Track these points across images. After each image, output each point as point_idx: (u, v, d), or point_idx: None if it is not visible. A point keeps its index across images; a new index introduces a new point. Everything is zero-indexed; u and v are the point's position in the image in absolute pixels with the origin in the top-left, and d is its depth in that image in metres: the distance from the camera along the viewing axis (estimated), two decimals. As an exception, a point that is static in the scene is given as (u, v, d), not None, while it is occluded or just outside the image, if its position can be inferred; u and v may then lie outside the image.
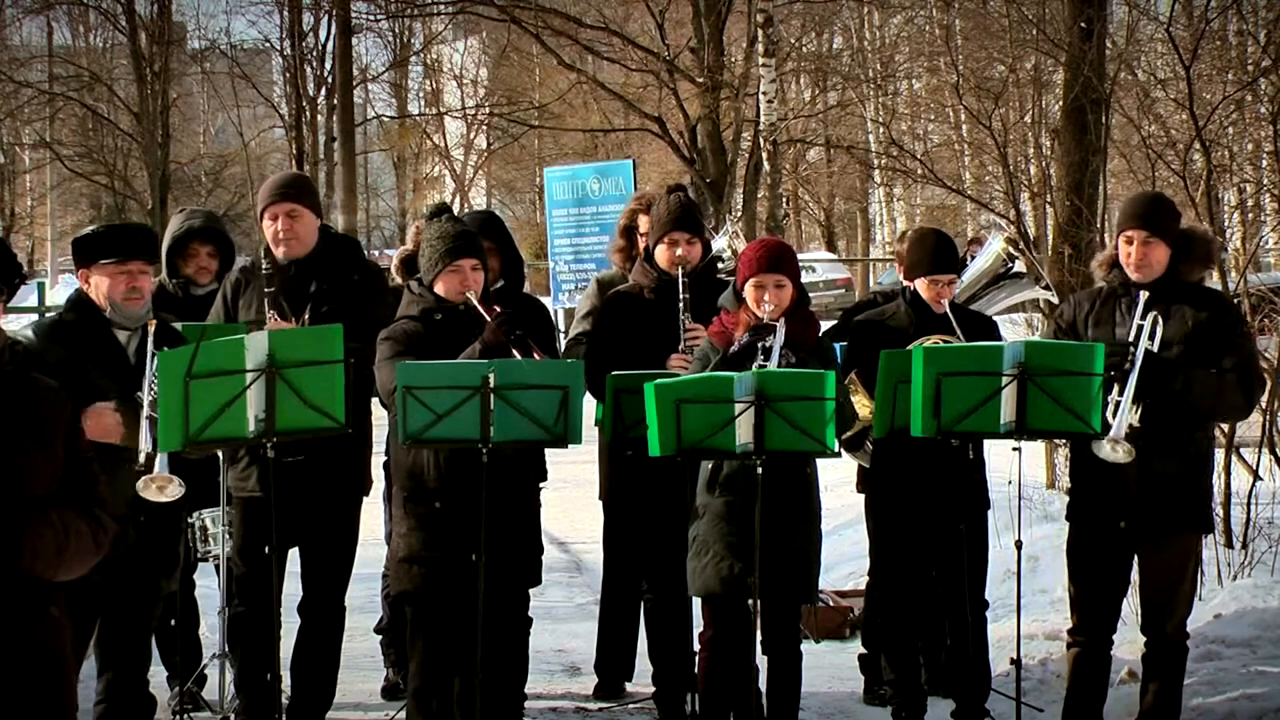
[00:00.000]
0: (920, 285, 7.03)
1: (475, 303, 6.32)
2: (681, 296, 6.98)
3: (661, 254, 7.16)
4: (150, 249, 6.31)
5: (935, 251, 7.02)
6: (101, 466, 5.34)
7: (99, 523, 4.09)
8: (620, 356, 6.90)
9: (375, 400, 6.69)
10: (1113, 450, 6.11)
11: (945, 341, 6.75)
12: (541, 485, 6.66)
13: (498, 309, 6.32)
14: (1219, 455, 9.21)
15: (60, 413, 4.11)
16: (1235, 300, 9.82)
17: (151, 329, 6.11)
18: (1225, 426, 9.22)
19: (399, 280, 7.81)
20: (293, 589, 6.86)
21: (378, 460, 7.15)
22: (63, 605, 4.13)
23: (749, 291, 6.41)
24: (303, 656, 6.88)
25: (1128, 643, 6.98)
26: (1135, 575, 6.67)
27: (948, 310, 6.92)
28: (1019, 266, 7.99)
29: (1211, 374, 6.24)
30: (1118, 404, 6.13)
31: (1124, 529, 6.31)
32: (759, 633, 6.42)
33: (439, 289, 6.43)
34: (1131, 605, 6.99)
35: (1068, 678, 6.58)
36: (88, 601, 5.78)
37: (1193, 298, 6.37)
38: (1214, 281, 9.04)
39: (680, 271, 7.05)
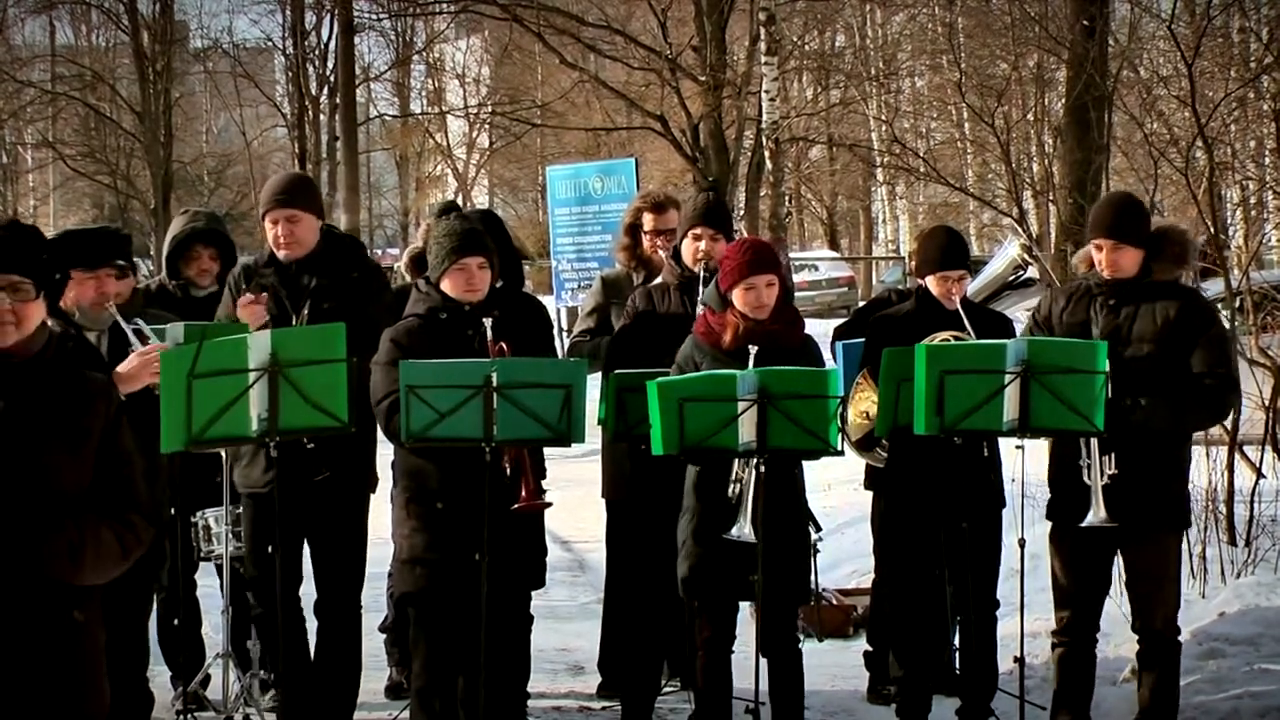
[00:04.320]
0: (930, 282, 7.01)
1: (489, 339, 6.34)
2: (701, 292, 6.93)
3: (687, 249, 7.19)
4: (119, 252, 6.32)
5: (945, 248, 7.00)
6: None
7: (129, 527, 3.99)
8: (642, 352, 6.91)
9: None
10: (1099, 523, 6.27)
11: (957, 338, 6.74)
12: (543, 484, 6.64)
13: (503, 346, 6.32)
14: (1222, 453, 9.26)
15: (97, 412, 4.01)
16: (1237, 296, 9.88)
17: (112, 308, 6.14)
18: (1229, 424, 9.24)
19: (409, 278, 7.82)
20: (311, 589, 6.86)
21: (383, 458, 7.14)
22: (93, 609, 4.05)
23: (739, 295, 6.40)
24: (323, 658, 6.86)
25: (1129, 641, 6.99)
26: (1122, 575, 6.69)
27: (959, 307, 6.90)
28: (1031, 273, 7.98)
29: (1167, 404, 6.24)
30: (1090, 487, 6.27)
31: (1100, 529, 6.31)
32: (756, 634, 6.41)
33: (445, 287, 6.42)
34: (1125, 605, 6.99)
35: (1054, 678, 6.59)
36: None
37: (1163, 296, 6.40)
38: (1209, 283, 9.02)
39: (701, 267, 7.07)
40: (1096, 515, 6.24)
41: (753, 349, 6.30)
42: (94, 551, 3.92)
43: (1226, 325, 9.59)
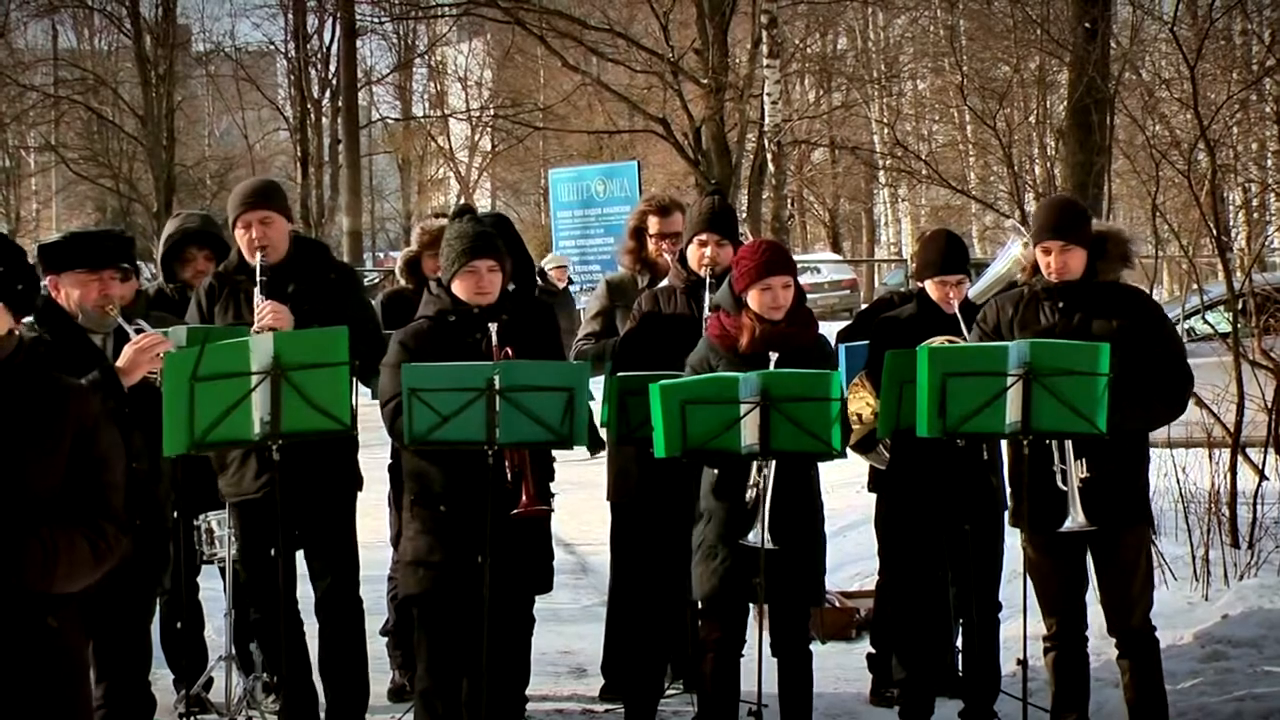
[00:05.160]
0: (929, 286, 7.02)
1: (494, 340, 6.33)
2: (707, 297, 6.95)
3: (692, 254, 7.17)
4: (123, 255, 6.29)
5: (944, 252, 7.00)
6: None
7: (102, 535, 3.93)
8: (648, 356, 6.89)
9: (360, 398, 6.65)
10: (1079, 528, 6.26)
11: (951, 343, 6.73)
12: (549, 486, 6.60)
13: (508, 351, 6.31)
14: (1224, 455, 9.25)
15: (69, 414, 3.96)
16: (1241, 297, 9.86)
17: (115, 312, 6.14)
18: (1230, 426, 9.25)
19: (404, 282, 7.81)
20: (307, 590, 6.84)
21: (374, 460, 7.13)
22: (69, 614, 4.02)
23: (755, 296, 6.38)
24: (329, 658, 6.82)
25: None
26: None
27: (957, 311, 6.88)
28: None
29: (1135, 404, 6.24)
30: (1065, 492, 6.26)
31: (1069, 532, 6.30)
32: (767, 635, 6.41)
33: (456, 289, 6.40)
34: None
35: (1051, 682, 6.56)
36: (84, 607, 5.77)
37: (1113, 297, 6.40)
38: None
39: (707, 272, 7.06)
40: (1075, 520, 6.21)
41: (774, 355, 6.28)
42: (67, 559, 3.87)
43: (1229, 328, 9.65)
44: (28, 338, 4.04)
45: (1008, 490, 7.03)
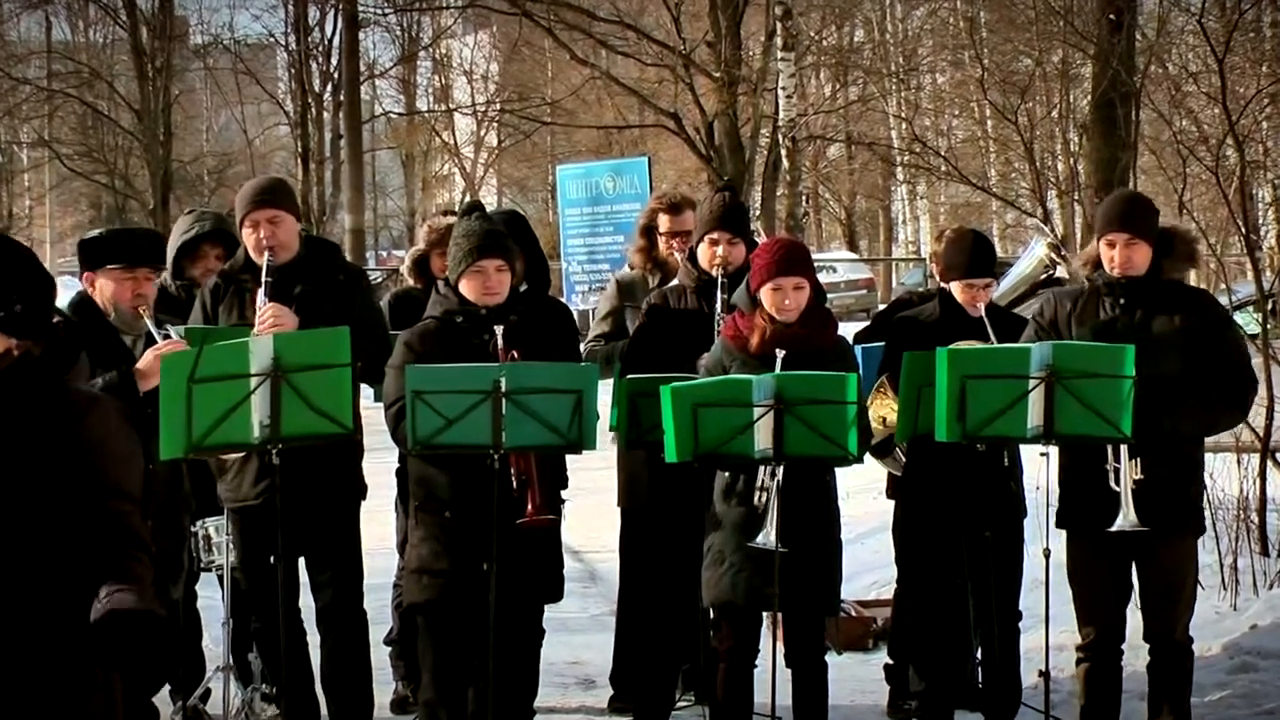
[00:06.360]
0: (956, 288, 6.92)
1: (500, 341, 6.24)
2: (719, 297, 6.88)
3: (702, 253, 7.07)
4: (157, 255, 6.35)
5: (972, 253, 6.90)
6: None
7: (147, 568, 3.74)
8: (657, 356, 6.81)
9: (363, 402, 6.62)
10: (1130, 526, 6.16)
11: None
12: (562, 494, 6.55)
13: (514, 354, 6.22)
14: (1253, 461, 9.13)
15: (65, 432, 3.67)
16: (1271, 297, 9.73)
17: (148, 315, 6.17)
18: (1261, 432, 9.11)
19: (412, 281, 7.70)
20: (309, 601, 6.78)
21: (381, 465, 7.02)
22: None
23: (766, 295, 6.27)
24: (332, 671, 6.76)
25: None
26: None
27: (983, 314, 6.79)
28: (1060, 272, 7.89)
29: (1198, 407, 6.18)
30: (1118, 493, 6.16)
31: (1118, 536, 6.21)
32: (781, 645, 6.32)
33: (463, 289, 6.33)
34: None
35: (1081, 693, 6.49)
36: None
37: (1176, 296, 6.33)
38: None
39: (719, 272, 6.95)
40: (1127, 519, 6.11)
41: (780, 352, 6.17)
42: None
43: (1258, 329, 9.53)
44: (35, 352, 3.77)
45: (1027, 497, 7.02)
